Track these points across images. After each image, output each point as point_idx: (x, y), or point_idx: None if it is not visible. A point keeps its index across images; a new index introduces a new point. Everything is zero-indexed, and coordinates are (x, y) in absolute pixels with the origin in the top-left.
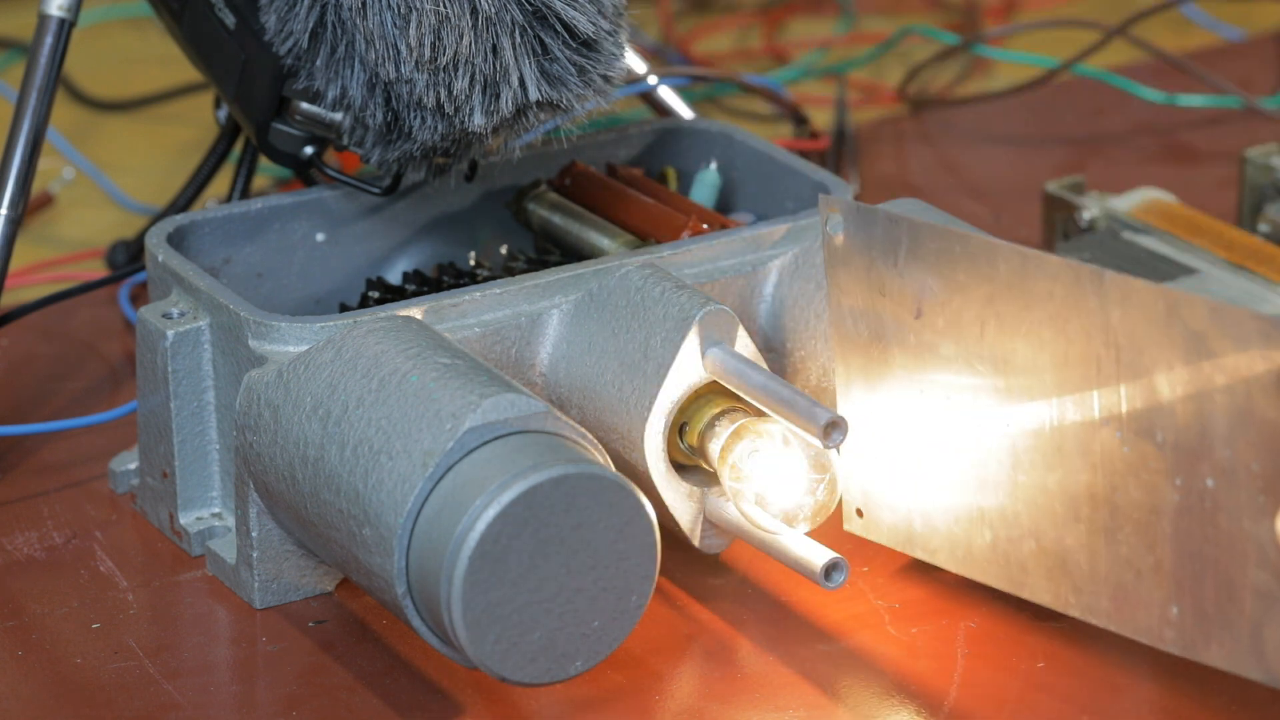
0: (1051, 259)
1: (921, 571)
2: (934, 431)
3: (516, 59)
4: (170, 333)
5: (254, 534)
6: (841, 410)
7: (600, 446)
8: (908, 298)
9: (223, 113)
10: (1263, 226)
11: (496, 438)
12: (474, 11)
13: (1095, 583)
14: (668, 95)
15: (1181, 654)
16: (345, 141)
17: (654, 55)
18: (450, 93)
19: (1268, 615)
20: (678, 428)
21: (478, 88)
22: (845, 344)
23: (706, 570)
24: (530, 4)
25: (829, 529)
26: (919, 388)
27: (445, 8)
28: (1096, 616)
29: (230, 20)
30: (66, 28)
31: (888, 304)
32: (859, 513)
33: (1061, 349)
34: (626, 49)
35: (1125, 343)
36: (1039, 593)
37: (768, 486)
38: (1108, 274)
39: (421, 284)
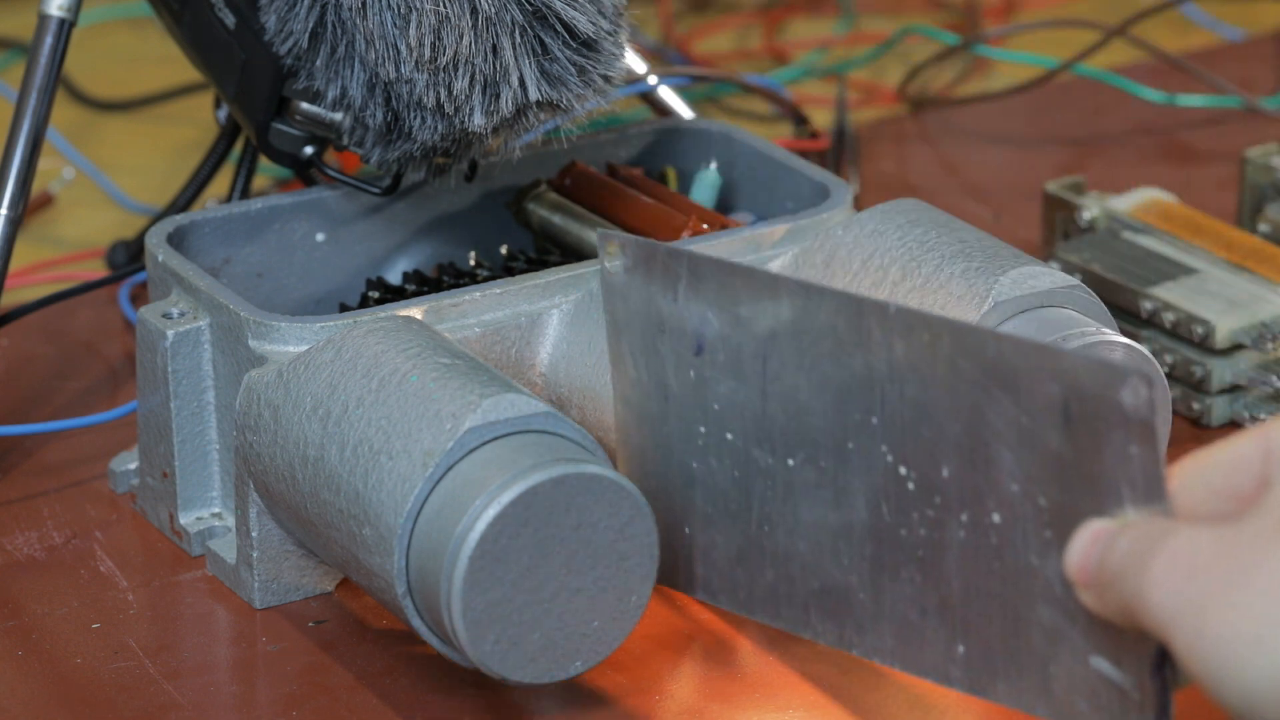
0: (835, 293)
1: None
2: (714, 470)
3: (516, 59)
4: (170, 333)
5: (254, 534)
6: (621, 454)
7: (600, 446)
8: (688, 333)
9: (223, 113)
10: (1263, 226)
11: (496, 438)
12: (474, 11)
13: (879, 621)
14: (668, 95)
15: (968, 693)
16: (345, 141)
17: (654, 55)
18: (450, 93)
19: (1055, 652)
20: None
21: (478, 88)
22: (624, 383)
23: None
24: (530, 4)
25: None
26: (700, 425)
27: (445, 8)
28: (881, 656)
29: (230, 20)
30: (66, 28)
31: (667, 339)
32: None
33: (845, 382)
34: (626, 49)
35: (910, 375)
36: (822, 634)
37: None
38: (892, 306)
39: (421, 284)
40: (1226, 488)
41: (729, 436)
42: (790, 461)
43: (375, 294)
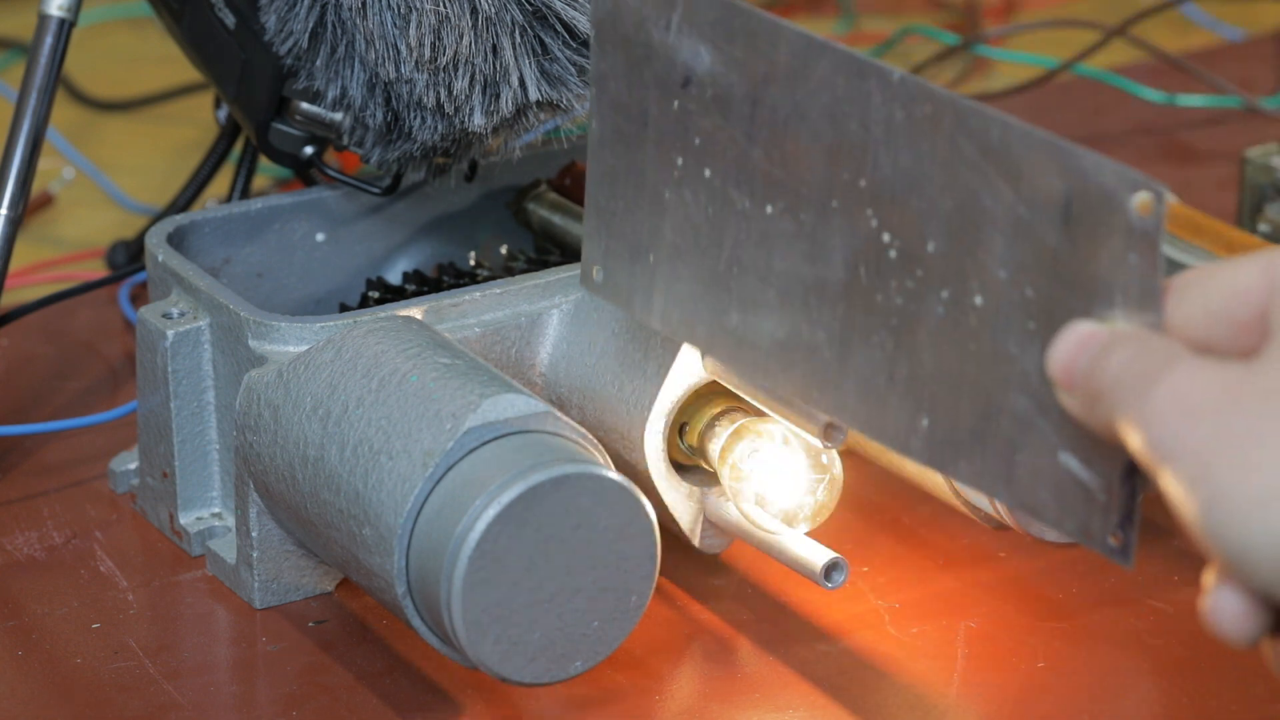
0: (837, 49)
1: (921, 571)
2: (687, 203)
3: (516, 59)
4: (170, 333)
5: (254, 534)
6: (590, 175)
7: (600, 446)
8: (676, 64)
9: (223, 113)
10: (1263, 226)
11: (496, 438)
12: (474, 11)
13: (843, 380)
14: None
15: (927, 465)
16: (345, 141)
17: None
18: (450, 93)
19: (1023, 441)
20: (678, 428)
21: (478, 88)
22: (602, 101)
23: (706, 570)
24: (530, 4)
25: (829, 529)
26: (677, 155)
27: (445, 8)
28: (841, 414)
29: (230, 20)
30: (66, 28)
31: (653, 67)
32: (595, 272)
33: (837, 139)
34: None
35: (906, 145)
36: (781, 384)
37: (768, 486)
38: (897, 74)
39: (421, 284)
40: (1224, 313)
41: (707, 173)
42: (768, 208)
43: (375, 294)
